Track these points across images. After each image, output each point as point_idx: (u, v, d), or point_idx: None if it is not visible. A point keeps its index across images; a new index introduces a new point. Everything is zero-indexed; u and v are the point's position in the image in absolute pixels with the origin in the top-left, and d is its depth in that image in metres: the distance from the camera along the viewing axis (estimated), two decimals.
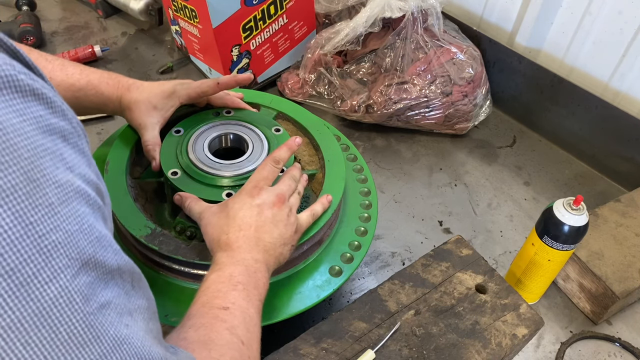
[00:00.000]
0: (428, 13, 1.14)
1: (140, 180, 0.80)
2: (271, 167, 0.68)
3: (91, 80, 0.76)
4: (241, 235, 0.62)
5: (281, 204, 0.66)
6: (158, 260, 0.70)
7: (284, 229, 0.65)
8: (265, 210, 0.64)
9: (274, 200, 0.65)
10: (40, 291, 0.30)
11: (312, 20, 1.31)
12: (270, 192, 0.66)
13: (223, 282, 0.57)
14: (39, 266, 0.30)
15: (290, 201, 0.68)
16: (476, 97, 1.17)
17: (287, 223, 0.66)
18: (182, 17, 1.23)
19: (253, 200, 0.65)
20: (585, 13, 1.10)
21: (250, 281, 0.58)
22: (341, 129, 1.21)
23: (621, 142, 1.10)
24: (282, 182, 0.69)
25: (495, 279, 0.74)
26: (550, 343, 0.86)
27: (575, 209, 0.76)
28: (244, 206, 0.64)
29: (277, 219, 0.65)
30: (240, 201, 0.65)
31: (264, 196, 0.65)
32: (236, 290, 0.56)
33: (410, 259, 0.96)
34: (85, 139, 0.38)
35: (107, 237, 0.36)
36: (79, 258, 0.33)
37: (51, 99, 0.34)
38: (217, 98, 0.85)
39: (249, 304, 0.56)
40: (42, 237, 0.31)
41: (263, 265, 0.61)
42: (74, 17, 1.52)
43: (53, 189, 0.32)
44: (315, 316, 0.84)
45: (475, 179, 1.14)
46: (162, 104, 0.78)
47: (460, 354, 0.66)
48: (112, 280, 0.36)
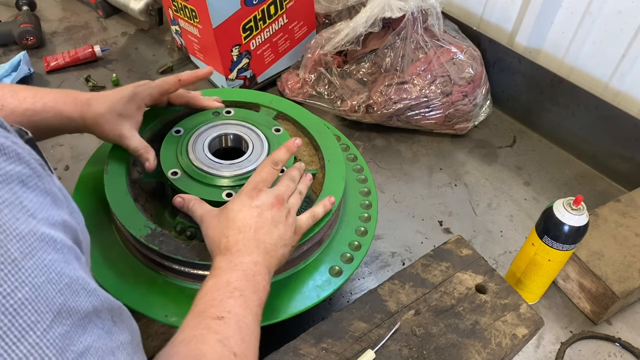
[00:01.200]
0: (428, 13, 1.14)
1: (140, 180, 0.80)
2: (270, 169, 0.68)
3: (47, 102, 0.71)
4: (241, 238, 0.62)
5: (280, 205, 0.66)
6: (158, 260, 0.70)
7: (283, 230, 0.65)
8: (265, 212, 0.64)
9: (272, 201, 0.65)
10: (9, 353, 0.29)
11: (312, 20, 1.31)
12: (269, 194, 0.66)
13: (219, 290, 0.56)
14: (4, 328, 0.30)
15: (290, 202, 0.68)
16: (476, 97, 1.17)
17: (286, 224, 0.66)
18: (182, 17, 1.23)
19: (252, 202, 0.65)
20: (585, 13, 1.10)
21: (249, 286, 0.58)
22: (341, 129, 1.21)
23: (621, 142, 1.10)
24: (280, 184, 0.69)
25: (495, 279, 0.74)
26: (550, 343, 0.86)
27: (575, 209, 0.76)
28: (243, 208, 0.64)
29: (277, 220, 0.65)
30: (240, 203, 0.65)
31: (263, 197, 0.65)
32: (233, 297, 0.55)
33: (410, 259, 0.96)
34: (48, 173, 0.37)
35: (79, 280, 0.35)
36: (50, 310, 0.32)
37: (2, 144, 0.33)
38: (178, 96, 0.83)
39: (245, 311, 0.55)
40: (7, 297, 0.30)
41: (263, 268, 0.61)
42: (74, 17, 1.52)
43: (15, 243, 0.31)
44: (315, 316, 0.84)
45: (475, 179, 1.14)
46: (127, 109, 0.75)
47: (460, 354, 0.66)
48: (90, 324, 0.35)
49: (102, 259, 0.72)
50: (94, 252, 0.73)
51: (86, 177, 0.83)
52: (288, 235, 0.66)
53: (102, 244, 0.74)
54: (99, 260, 0.72)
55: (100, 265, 0.72)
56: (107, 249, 0.74)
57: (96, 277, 0.70)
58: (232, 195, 0.71)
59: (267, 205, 0.65)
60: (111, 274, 0.71)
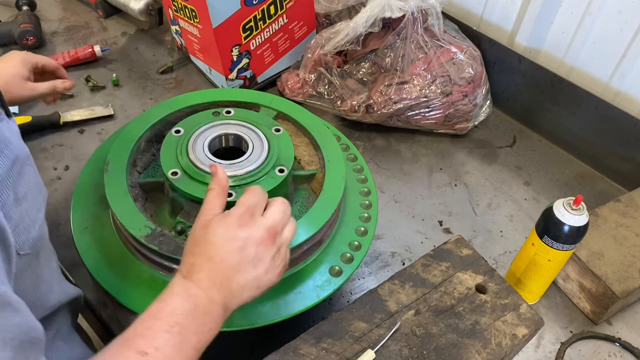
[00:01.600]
0: (428, 13, 1.14)
1: (140, 180, 0.80)
2: (262, 193, 0.60)
3: None
4: (206, 267, 0.55)
5: (271, 241, 0.57)
6: (158, 260, 0.70)
7: (262, 272, 0.57)
8: (249, 247, 0.56)
9: (263, 236, 0.57)
10: None
11: (312, 20, 1.31)
12: (261, 226, 0.57)
13: (160, 319, 0.51)
14: None
15: (284, 236, 0.60)
16: (476, 97, 1.17)
17: (270, 265, 0.57)
18: (182, 17, 1.23)
19: (239, 232, 0.56)
20: (585, 13, 1.10)
21: (194, 325, 0.52)
22: (341, 129, 1.21)
23: (621, 142, 1.10)
24: (275, 210, 0.59)
25: (495, 279, 0.74)
26: (550, 343, 0.86)
27: (575, 209, 0.76)
28: (226, 234, 0.56)
29: (259, 259, 0.57)
30: (225, 227, 0.57)
31: (254, 229, 0.57)
32: (170, 332, 0.50)
33: (410, 259, 0.96)
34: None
35: None
36: None
37: None
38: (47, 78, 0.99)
39: (177, 353, 0.50)
40: None
41: (218, 308, 0.54)
42: (74, 17, 1.52)
43: None
44: (315, 316, 0.84)
45: (475, 179, 1.14)
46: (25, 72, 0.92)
47: (460, 354, 0.66)
48: None
49: (102, 259, 0.72)
50: (94, 252, 0.73)
51: (86, 177, 0.83)
52: (267, 277, 0.58)
53: (102, 244, 0.74)
54: (99, 260, 0.72)
55: (100, 265, 0.72)
56: (107, 249, 0.74)
57: (96, 277, 0.70)
58: (232, 196, 0.71)
59: (255, 240, 0.56)
60: (111, 274, 0.71)
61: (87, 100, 1.24)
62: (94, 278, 0.71)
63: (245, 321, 0.68)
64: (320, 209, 0.75)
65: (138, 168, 0.83)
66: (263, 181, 0.74)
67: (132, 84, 1.30)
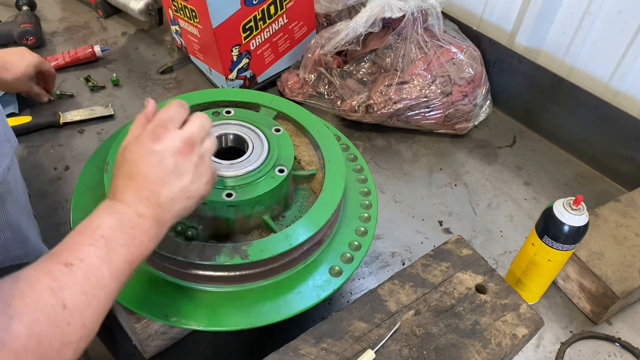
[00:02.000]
0: (428, 13, 1.14)
1: None
2: (178, 108, 0.59)
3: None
4: (130, 186, 0.55)
5: (189, 150, 0.57)
6: (158, 260, 0.70)
7: (188, 181, 0.57)
8: (167, 158, 0.56)
9: (179, 146, 0.57)
10: None
11: (312, 20, 1.31)
12: (176, 136, 0.57)
13: (84, 234, 0.51)
14: None
15: (204, 146, 0.60)
16: (476, 97, 1.17)
17: (194, 175, 0.57)
18: (182, 17, 1.23)
19: (153, 145, 0.56)
20: (585, 13, 1.10)
21: (120, 237, 0.51)
22: (341, 129, 1.21)
23: (621, 142, 1.10)
24: (192, 122, 0.59)
25: (495, 279, 0.74)
26: (550, 343, 0.86)
27: (575, 209, 0.76)
28: (142, 151, 0.56)
29: (181, 170, 0.56)
30: (139, 144, 0.56)
31: (168, 141, 0.56)
32: (94, 245, 0.50)
33: (410, 259, 0.96)
34: None
35: None
36: None
37: None
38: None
39: (104, 263, 0.49)
40: None
41: (149, 222, 0.54)
42: (74, 17, 1.52)
43: None
44: (315, 316, 0.84)
45: (475, 179, 1.14)
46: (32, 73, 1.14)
47: (460, 354, 0.66)
48: None
49: None
50: None
51: (86, 177, 0.83)
52: (195, 187, 0.58)
53: None
54: None
55: None
56: None
57: None
58: (232, 196, 0.71)
59: (172, 151, 0.56)
60: None
61: (87, 100, 1.24)
62: None
63: (245, 321, 0.68)
64: (320, 209, 0.75)
65: None
66: (263, 181, 0.74)
67: (132, 84, 1.30)
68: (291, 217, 0.80)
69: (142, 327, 0.72)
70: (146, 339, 0.74)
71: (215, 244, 0.70)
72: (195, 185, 0.58)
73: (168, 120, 0.58)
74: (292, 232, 0.72)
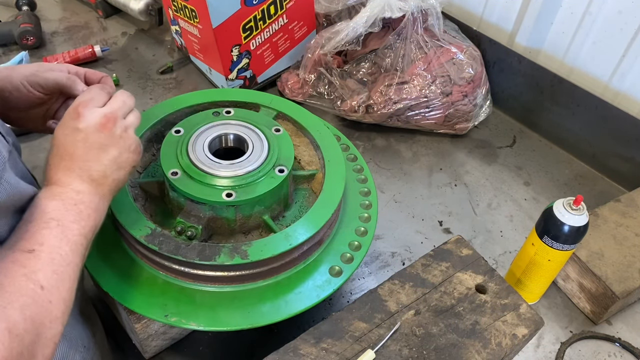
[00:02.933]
0: (428, 13, 1.14)
1: (140, 180, 0.80)
2: (99, 90, 0.62)
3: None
4: (61, 167, 0.57)
5: (112, 124, 0.60)
6: (158, 260, 0.70)
7: (116, 153, 0.60)
8: (91, 135, 0.58)
9: (100, 121, 0.59)
10: None
11: (312, 20, 1.31)
12: (97, 113, 0.59)
13: (34, 221, 0.53)
14: None
15: (127, 120, 0.63)
16: (476, 97, 1.17)
17: (120, 146, 0.60)
18: (182, 17, 1.23)
19: (75, 123, 0.58)
20: (585, 13, 1.10)
21: (68, 216, 0.54)
22: (341, 129, 1.21)
23: (621, 142, 1.10)
24: (112, 100, 0.62)
25: (495, 279, 0.74)
26: (550, 343, 0.86)
27: (575, 209, 0.76)
28: (66, 131, 0.58)
29: (106, 143, 0.59)
30: (63, 126, 0.59)
31: (89, 118, 0.59)
32: (48, 228, 0.52)
33: (410, 259, 0.96)
34: None
35: None
36: None
37: None
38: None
39: (62, 242, 0.52)
40: None
41: (89, 196, 0.57)
42: (74, 17, 1.52)
43: None
44: (315, 316, 0.84)
45: (475, 179, 1.14)
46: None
47: (460, 354, 0.66)
48: None
49: (102, 259, 0.72)
50: (94, 253, 0.73)
51: None
52: (124, 157, 0.61)
53: (102, 244, 0.74)
54: (99, 260, 0.72)
55: (101, 265, 0.72)
56: (107, 249, 0.74)
57: (96, 278, 0.70)
58: (232, 196, 0.71)
59: (94, 127, 0.59)
60: (111, 274, 0.71)
61: None
62: (94, 278, 0.71)
63: (245, 321, 0.68)
64: (320, 209, 0.75)
65: (138, 168, 0.83)
66: (263, 181, 0.74)
67: (132, 84, 1.30)
68: (291, 217, 0.80)
69: (142, 327, 0.72)
70: (146, 339, 0.74)
71: (215, 244, 0.70)
72: (124, 156, 0.61)
73: (88, 101, 0.60)
74: (292, 232, 0.72)
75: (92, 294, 0.84)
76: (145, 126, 0.83)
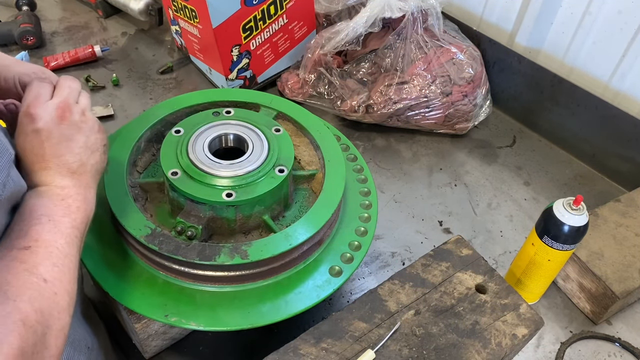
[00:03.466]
0: (428, 13, 1.14)
1: (140, 180, 0.80)
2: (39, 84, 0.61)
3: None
4: (37, 168, 0.57)
5: (68, 113, 0.59)
6: (158, 260, 0.70)
7: (84, 139, 0.60)
8: (53, 130, 0.58)
9: (56, 114, 0.59)
10: None
11: (312, 20, 1.31)
12: (50, 107, 0.59)
13: (25, 220, 0.53)
14: None
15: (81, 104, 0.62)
16: (476, 97, 1.17)
17: (85, 130, 0.60)
18: (182, 17, 1.23)
19: (33, 126, 0.57)
20: (585, 13, 1.10)
21: (57, 211, 0.55)
22: (341, 129, 1.21)
23: (621, 142, 1.10)
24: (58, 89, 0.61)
25: (495, 279, 0.74)
26: (550, 343, 0.86)
27: (575, 209, 0.76)
28: (27, 137, 0.58)
29: (70, 132, 0.59)
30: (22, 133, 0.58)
31: (43, 115, 0.58)
32: (40, 224, 0.53)
33: (410, 259, 0.96)
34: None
35: None
36: None
37: None
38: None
39: (56, 235, 0.53)
40: None
41: (75, 189, 0.57)
42: (74, 17, 1.52)
43: None
44: (315, 316, 0.84)
45: (475, 179, 1.14)
46: None
47: (460, 354, 0.66)
48: None
49: (102, 259, 0.72)
50: (94, 252, 0.73)
51: None
52: (92, 140, 0.61)
53: (102, 244, 0.74)
54: (99, 260, 0.72)
55: (101, 265, 0.72)
56: (107, 249, 0.74)
57: (96, 278, 0.70)
58: (232, 196, 0.71)
59: (52, 122, 0.58)
60: (111, 274, 0.71)
61: None
62: (94, 278, 0.71)
63: (245, 321, 0.68)
64: (320, 209, 0.75)
65: (138, 168, 0.83)
66: (263, 181, 0.74)
67: (132, 84, 1.30)
68: (291, 217, 0.80)
69: (142, 327, 0.72)
70: (146, 339, 0.74)
71: (215, 244, 0.70)
72: (92, 138, 0.61)
73: (35, 98, 0.59)
74: (292, 232, 0.72)
75: (92, 295, 0.84)
76: (145, 126, 0.83)
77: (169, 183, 0.73)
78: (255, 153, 0.77)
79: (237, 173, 0.74)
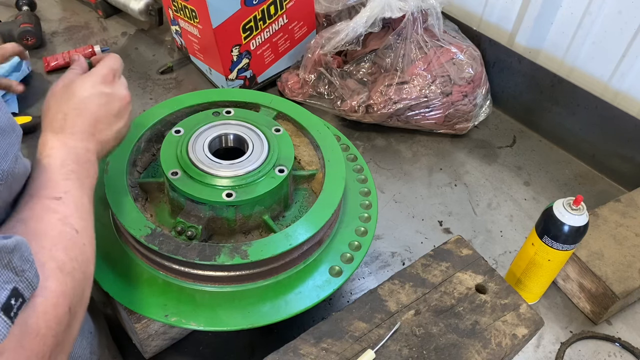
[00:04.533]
0: (428, 13, 1.14)
1: (140, 180, 0.80)
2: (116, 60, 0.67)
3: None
4: (79, 122, 0.60)
5: (130, 101, 0.66)
6: (158, 260, 0.70)
7: (122, 125, 0.65)
8: (114, 102, 0.63)
9: (125, 94, 0.65)
10: None
11: (312, 20, 1.31)
12: (123, 86, 0.65)
13: (54, 171, 0.55)
14: None
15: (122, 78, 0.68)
16: (476, 97, 1.17)
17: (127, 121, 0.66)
18: (182, 17, 1.23)
19: (105, 88, 0.63)
20: (585, 13, 1.10)
21: (81, 170, 0.57)
22: (341, 129, 1.21)
23: (621, 142, 1.10)
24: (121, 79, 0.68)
25: (495, 279, 0.74)
26: (550, 343, 0.86)
27: (575, 209, 0.76)
28: (94, 89, 0.62)
29: (121, 114, 0.64)
30: (91, 82, 0.62)
31: (118, 87, 0.64)
32: (69, 179, 0.55)
33: (410, 259, 0.96)
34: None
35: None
36: None
37: None
38: None
39: (82, 192, 0.55)
40: None
41: (94, 156, 0.61)
42: (74, 17, 1.52)
43: None
44: (315, 316, 0.84)
45: (475, 179, 1.14)
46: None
47: (460, 354, 0.66)
48: None
49: (102, 259, 0.72)
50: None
51: None
52: (124, 131, 0.67)
53: (102, 244, 0.74)
54: (99, 260, 0.72)
55: (101, 265, 0.72)
56: (107, 249, 0.74)
57: (96, 278, 0.70)
58: (232, 196, 0.71)
59: (119, 97, 0.63)
60: (111, 273, 0.71)
61: None
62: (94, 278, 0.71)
63: (245, 321, 0.68)
64: (320, 209, 0.75)
65: (138, 168, 0.83)
66: (263, 181, 0.74)
67: (132, 84, 1.30)
68: (291, 217, 0.80)
69: (142, 327, 0.72)
70: (146, 339, 0.74)
71: (215, 244, 0.70)
72: (125, 130, 0.67)
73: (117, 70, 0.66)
74: (292, 232, 0.72)
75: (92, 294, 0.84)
76: (145, 126, 0.83)
77: (169, 183, 0.73)
78: (255, 153, 0.77)
79: (237, 173, 0.74)
